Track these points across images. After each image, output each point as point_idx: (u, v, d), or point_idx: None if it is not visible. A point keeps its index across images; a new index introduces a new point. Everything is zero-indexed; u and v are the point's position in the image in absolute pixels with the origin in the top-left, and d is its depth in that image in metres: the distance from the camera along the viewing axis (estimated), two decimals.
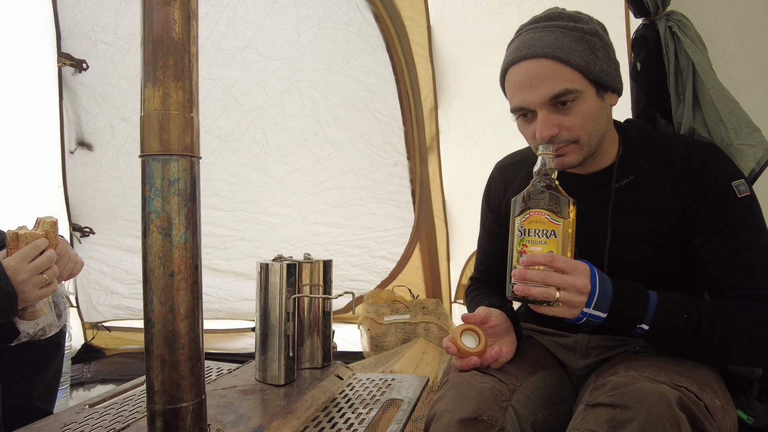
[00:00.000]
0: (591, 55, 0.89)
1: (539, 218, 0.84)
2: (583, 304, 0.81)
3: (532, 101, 0.90)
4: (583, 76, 0.89)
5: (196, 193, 0.73)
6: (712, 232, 0.91)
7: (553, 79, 0.88)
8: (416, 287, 2.76)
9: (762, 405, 0.94)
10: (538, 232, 0.84)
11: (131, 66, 2.36)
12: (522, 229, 0.86)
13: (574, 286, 0.80)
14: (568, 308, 0.82)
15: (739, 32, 1.13)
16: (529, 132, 0.96)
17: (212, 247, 2.63)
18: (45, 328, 1.14)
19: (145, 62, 0.69)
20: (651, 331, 0.84)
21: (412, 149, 2.65)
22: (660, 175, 0.96)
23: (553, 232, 0.83)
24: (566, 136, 0.91)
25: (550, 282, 0.80)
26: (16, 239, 1.03)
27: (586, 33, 0.90)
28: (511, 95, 0.96)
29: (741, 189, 0.90)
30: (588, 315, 0.82)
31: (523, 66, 0.91)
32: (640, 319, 0.84)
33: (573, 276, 0.81)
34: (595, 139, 0.94)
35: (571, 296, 0.81)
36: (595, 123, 0.92)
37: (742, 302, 0.86)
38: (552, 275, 0.81)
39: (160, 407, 0.71)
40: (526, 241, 0.85)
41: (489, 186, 1.23)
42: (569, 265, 0.81)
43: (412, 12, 2.49)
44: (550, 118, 0.90)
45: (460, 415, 0.80)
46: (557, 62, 0.88)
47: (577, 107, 0.90)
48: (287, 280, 1.06)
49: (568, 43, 0.88)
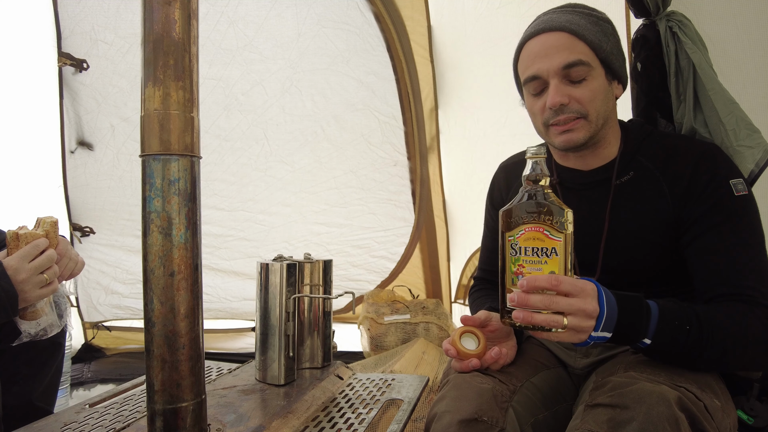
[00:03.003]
0: (603, 37, 0.94)
1: (536, 235, 0.75)
2: (591, 329, 0.75)
3: (546, 69, 0.92)
4: (595, 54, 0.92)
5: (197, 193, 0.73)
6: (706, 227, 0.90)
7: (568, 50, 0.91)
8: (416, 287, 2.76)
9: (762, 405, 0.94)
10: (536, 250, 0.75)
11: (132, 66, 2.36)
12: (516, 246, 0.77)
13: (583, 311, 0.74)
14: (575, 334, 0.75)
15: (740, 32, 1.13)
16: (538, 106, 0.97)
17: (212, 246, 2.63)
18: (46, 327, 1.14)
19: (146, 62, 0.69)
20: (652, 344, 0.80)
21: (412, 149, 2.65)
22: (659, 173, 0.96)
23: (554, 250, 0.75)
24: (576, 108, 0.93)
25: (557, 308, 0.73)
26: (16, 239, 1.03)
27: (600, 19, 0.96)
28: (525, 66, 0.97)
29: (739, 187, 0.90)
30: (595, 338, 0.77)
31: (540, 38, 0.94)
32: (643, 334, 0.80)
33: (581, 299, 0.74)
34: (601, 118, 0.95)
35: (580, 321, 0.74)
36: (604, 102, 0.94)
37: (735, 307, 0.84)
38: (559, 300, 0.73)
39: (161, 407, 0.71)
40: (522, 261, 0.76)
41: (492, 185, 1.24)
42: (576, 288, 0.74)
43: (412, 12, 2.49)
44: (562, 88, 0.92)
45: (460, 416, 0.80)
46: (572, 36, 0.92)
47: (588, 82, 0.92)
48: (287, 280, 1.06)
49: (584, 23, 0.93)
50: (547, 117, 0.95)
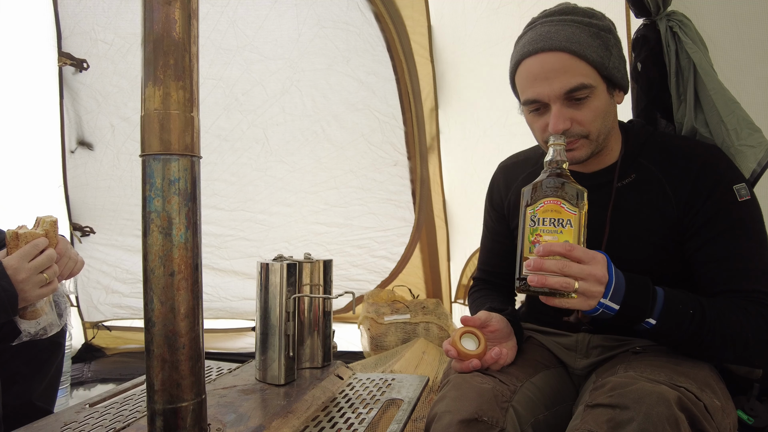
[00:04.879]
0: (606, 52, 0.90)
1: (554, 207, 0.81)
2: (601, 294, 0.79)
3: (547, 94, 0.90)
4: (597, 72, 0.90)
5: (197, 193, 0.73)
6: (711, 235, 0.91)
7: (570, 73, 0.88)
8: (416, 287, 2.76)
9: (762, 405, 0.94)
10: (553, 221, 0.81)
11: (132, 65, 2.36)
12: (535, 218, 0.83)
13: (594, 276, 0.78)
14: (586, 299, 0.79)
15: (740, 33, 1.13)
16: (539, 125, 0.96)
17: (212, 246, 2.63)
18: (46, 327, 1.14)
19: (146, 62, 0.69)
20: (658, 325, 0.83)
21: (412, 149, 2.65)
22: (661, 175, 0.96)
23: (569, 222, 0.81)
24: (578, 131, 0.92)
25: (569, 272, 0.77)
26: (16, 238, 1.03)
27: (601, 29, 0.91)
28: (524, 87, 0.94)
29: (742, 193, 0.90)
30: (604, 306, 0.80)
31: (539, 58, 0.90)
32: (649, 313, 0.82)
33: (592, 266, 0.78)
34: (603, 135, 0.95)
35: (590, 286, 0.78)
36: (605, 119, 0.94)
37: (741, 303, 0.86)
38: (571, 265, 0.78)
39: (161, 407, 0.71)
40: (539, 230, 0.82)
41: (492, 186, 1.24)
42: (588, 255, 0.79)
43: (412, 12, 2.49)
44: (564, 111, 0.91)
45: (460, 416, 0.80)
46: (574, 56, 0.88)
47: (590, 102, 0.90)
48: (287, 279, 1.06)
49: (585, 38, 0.89)
50: (548, 136, 0.92)
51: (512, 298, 1.25)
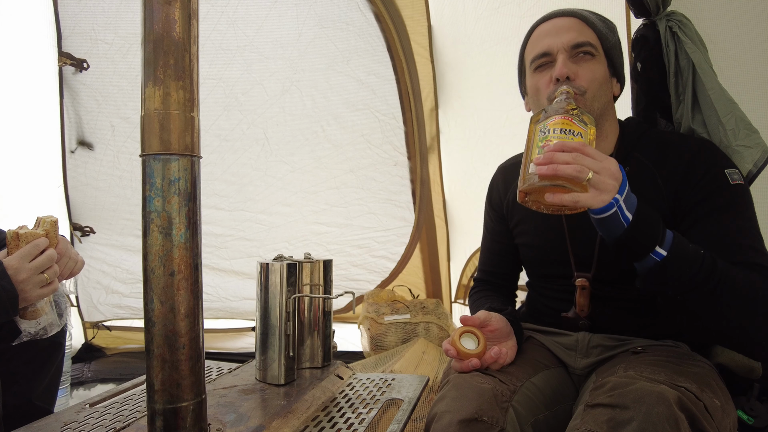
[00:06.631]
0: (609, 32, 1.01)
1: (564, 121, 0.80)
2: (615, 190, 0.76)
3: (556, 45, 0.98)
4: (600, 43, 0.99)
5: (197, 193, 0.73)
6: (703, 214, 0.91)
7: (578, 32, 0.98)
8: (416, 287, 2.76)
9: (762, 405, 0.94)
10: (563, 130, 0.79)
11: (132, 65, 2.36)
12: (545, 129, 0.80)
13: (608, 170, 0.76)
14: (599, 193, 0.76)
15: (740, 33, 1.13)
16: (544, 80, 1.00)
17: (212, 246, 2.63)
18: (46, 327, 1.14)
19: (146, 62, 0.69)
20: (668, 257, 0.78)
21: (412, 149, 2.65)
22: (654, 167, 0.97)
23: (579, 134, 0.79)
24: (577, 84, 0.96)
25: (582, 162, 0.75)
26: (16, 238, 1.03)
27: (606, 19, 1.04)
28: (535, 44, 1.03)
29: (734, 177, 0.91)
30: (618, 206, 0.76)
31: (552, 21, 1.02)
32: (660, 240, 0.78)
33: (606, 162, 0.77)
34: (597, 102, 0.98)
35: (604, 178, 0.75)
36: (601, 89, 0.98)
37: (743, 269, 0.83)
38: (585, 157, 0.75)
39: (161, 406, 0.71)
40: (549, 137, 0.79)
41: (491, 187, 1.25)
42: (601, 155, 0.77)
43: (412, 12, 2.49)
44: (569, 63, 0.97)
45: (460, 416, 0.80)
46: (582, 22, 1.00)
47: (592, 63, 0.98)
48: (287, 279, 1.06)
49: (592, 16, 1.02)
50: (551, 91, 0.97)
51: (512, 298, 1.26)
